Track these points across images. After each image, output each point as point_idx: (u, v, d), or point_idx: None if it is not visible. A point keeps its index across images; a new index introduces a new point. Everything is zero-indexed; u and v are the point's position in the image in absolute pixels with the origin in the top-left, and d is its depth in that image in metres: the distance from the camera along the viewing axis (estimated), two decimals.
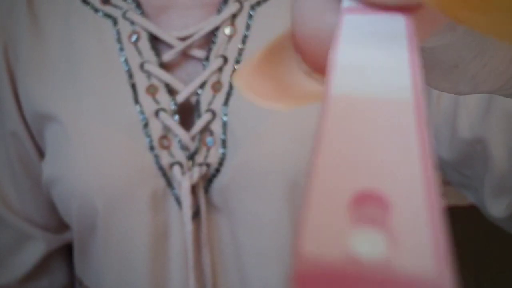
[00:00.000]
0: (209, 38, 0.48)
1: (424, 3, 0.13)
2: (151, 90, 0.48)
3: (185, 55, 0.49)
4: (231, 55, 0.48)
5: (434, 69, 0.17)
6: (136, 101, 0.47)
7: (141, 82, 0.48)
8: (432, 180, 0.09)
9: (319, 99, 0.13)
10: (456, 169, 0.47)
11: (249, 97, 0.15)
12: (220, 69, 0.48)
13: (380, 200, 0.09)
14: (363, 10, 0.13)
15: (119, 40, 0.49)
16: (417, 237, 0.08)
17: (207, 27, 0.48)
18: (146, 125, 0.47)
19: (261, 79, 0.15)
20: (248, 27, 0.48)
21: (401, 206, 0.09)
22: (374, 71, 0.11)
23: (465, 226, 0.88)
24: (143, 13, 0.49)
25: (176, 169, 0.47)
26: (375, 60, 0.11)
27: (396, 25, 0.12)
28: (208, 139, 0.47)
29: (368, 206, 0.09)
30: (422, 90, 0.11)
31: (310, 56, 0.14)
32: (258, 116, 0.47)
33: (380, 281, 0.08)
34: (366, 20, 0.13)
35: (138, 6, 0.49)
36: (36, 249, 0.55)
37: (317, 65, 0.14)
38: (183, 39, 0.48)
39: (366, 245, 0.08)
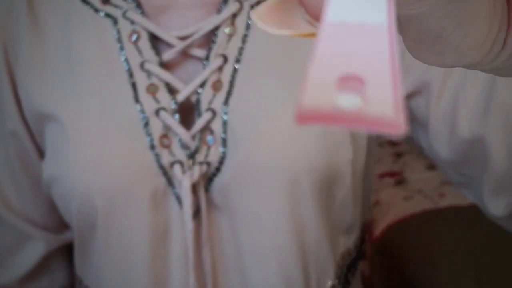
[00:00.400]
0: (209, 38, 0.48)
1: None
2: (152, 89, 0.48)
3: (185, 54, 0.49)
4: (231, 54, 0.48)
5: (422, 40, 0.20)
6: (137, 100, 0.48)
7: (142, 81, 0.48)
8: (396, 68, 0.14)
9: (313, 34, 0.19)
10: (456, 169, 0.47)
11: (263, 27, 0.19)
12: (220, 68, 0.48)
13: (358, 78, 0.14)
14: None
15: (119, 39, 0.49)
16: (382, 97, 0.13)
17: (207, 26, 0.48)
18: (146, 124, 0.47)
19: (273, 17, 0.19)
20: (248, 26, 0.48)
21: (373, 81, 0.13)
22: (359, 6, 0.16)
23: (465, 226, 0.88)
24: (143, 13, 0.49)
25: (177, 168, 0.47)
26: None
27: None
28: (209, 138, 0.47)
29: (350, 81, 0.13)
30: (394, 17, 0.15)
31: (311, 8, 0.18)
32: (258, 115, 0.47)
33: (357, 120, 0.13)
34: None
35: (138, 5, 0.49)
36: (36, 249, 0.55)
37: (317, 15, 0.18)
38: (183, 38, 0.48)
39: (347, 101, 0.13)
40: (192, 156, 0.48)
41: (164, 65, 0.48)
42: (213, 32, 0.48)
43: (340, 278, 0.53)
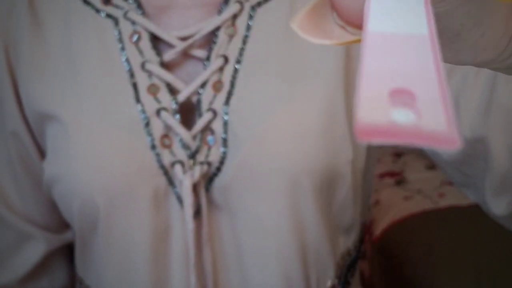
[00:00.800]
0: (210, 38, 0.49)
1: None
2: (152, 90, 0.48)
3: (185, 55, 0.49)
4: (232, 55, 0.48)
5: (440, 38, 0.20)
6: (138, 100, 0.48)
7: (142, 81, 0.48)
8: (444, 83, 0.14)
9: (355, 41, 0.18)
10: (457, 169, 0.47)
11: (304, 36, 0.19)
12: (221, 69, 0.48)
13: (408, 93, 0.14)
14: None
15: (120, 40, 0.49)
16: (434, 112, 0.13)
17: (208, 27, 0.48)
18: (147, 124, 0.47)
19: (308, 24, 0.19)
20: (248, 27, 0.48)
21: (423, 95, 0.14)
22: (398, 14, 0.16)
23: (465, 226, 0.88)
24: (144, 13, 0.49)
25: (178, 168, 0.47)
26: (399, 6, 0.16)
27: None
28: (209, 138, 0.47)
29: (401, 96, 0.14)
30: (434, 28, 0.15)
31: (345, 13, 0.18)
32: (259, 115, 0.47)
33: (412, 135, 0.13)
34: None
35: (139, 6, 0.49)
36: (36, 249, 0.55)
37: (350, 19, 0.18)
38: (183, 39, 0.48)
39: (402, 117, 0.13)
40: (192, 156, 0.48)
41: (165, 66, 0.48)
42: (214, 32, 0.48)
43: (340, 278, 0.53)
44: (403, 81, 0.14)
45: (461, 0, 0.19)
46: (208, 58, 0.48)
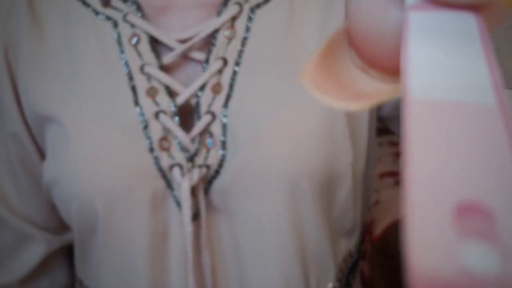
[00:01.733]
0: (209, 40, 0.49)
1: (496, 1, 0.12)
2: (151, 92, 0.48)
3: (185, 57, 0.49)
4: (231, 57, 0.48)
5: None
6: (136, 103, 0.48)
7: (141, 84, 0.48)
8: None
9: (381, 98, 0.14)
10: None
11: (317, 97, 0.15)
12: (220, 71, 0.48)
13: (482, 212, 0.08)
14: (429, 7, 0.12)
15: (119, 42, 0.49)
16: None
17: (207, 29, 0.48)
18: (146, 127, 0.47)
19: (323, 77, 0.15)
20: (247, 29, 0.48)
21: (507, 218, 0.08)
22: (451, 73, 0.10)
23: None
24: (143, 15, 0.49)
25: (176, 171, 0.47)
26: (450, 61, 0.11)
27: (467, 23, 0.12)
28: (208, 140, 0.47)
29: (472, 218, 0.08)
30: (503, 92, 0.10)
31: (367, 52, 0.14)
32: (258, 117, 0.47)
33: None
34: (434, 18, 0.12)
35: (138, 8, 0.49)
36: (36, 249, 0.55)
37: (374, 61, 0.14)
38: (183, 41, 0.48)
39: (479, 259, 0.08)
40: (191, 159, 0.48)
41: (164, 68, 0.48)
42: (213, 35, 0.48)
43: (341, 281, 0.53)
44: (472, 189, 0.09)
45: (505, 27, 0.17)
46: (207, 61, 0.48)
